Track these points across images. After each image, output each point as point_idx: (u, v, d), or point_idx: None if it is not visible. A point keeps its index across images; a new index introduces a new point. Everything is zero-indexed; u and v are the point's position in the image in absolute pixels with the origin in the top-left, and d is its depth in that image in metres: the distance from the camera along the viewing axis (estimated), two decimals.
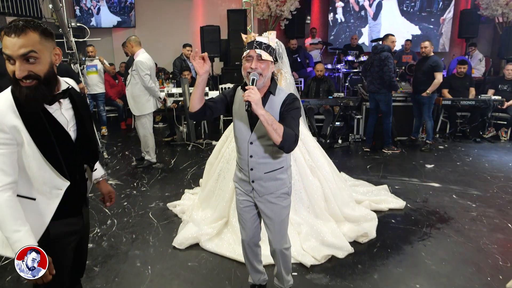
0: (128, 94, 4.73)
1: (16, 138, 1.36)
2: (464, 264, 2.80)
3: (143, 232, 3.32)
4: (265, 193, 2.02)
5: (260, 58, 1.81)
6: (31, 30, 1.35)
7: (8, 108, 1.36)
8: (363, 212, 3.37)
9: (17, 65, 1.34)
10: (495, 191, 4.17)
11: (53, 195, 1.48)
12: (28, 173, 1.43)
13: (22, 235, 1.36)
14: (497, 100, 6.19)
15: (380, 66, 5.26)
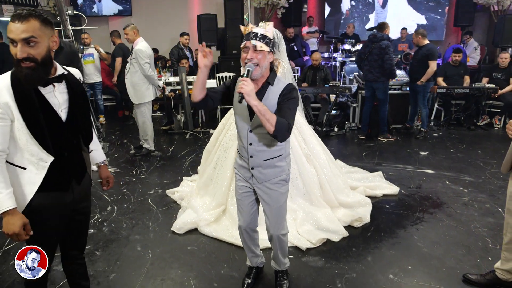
0: (128, 82, 4.76)
1: (8, 114, 1.54)
2: (455, 246, 2.89)
3: (142, 218, 3.39)
4: (264, 180, 2.07)
5: (256, 48, 1.85)
6: (33, 18, 1.53)
7: (4, 87, 1.54)
8: (357, 198, 3.45)
9: (18, 47, 1.52)
10: (487, 177, 4.27)
11: (40, 166, 1.64)
12: (20, 144, 1.60)
13: (3, 197, 1.54)
14: (491, 88, 6.26)
15: (380, 54, 5.30)
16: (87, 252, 2.82)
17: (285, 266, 2.39)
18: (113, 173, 4.50)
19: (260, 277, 2.52)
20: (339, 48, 8.65)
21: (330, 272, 2.59)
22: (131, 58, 4.67)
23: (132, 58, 4.66)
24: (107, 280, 2.53)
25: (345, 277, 2.53)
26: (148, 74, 4.64)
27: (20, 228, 1.57)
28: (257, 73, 1.89)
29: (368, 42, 5.48)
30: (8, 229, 1.56)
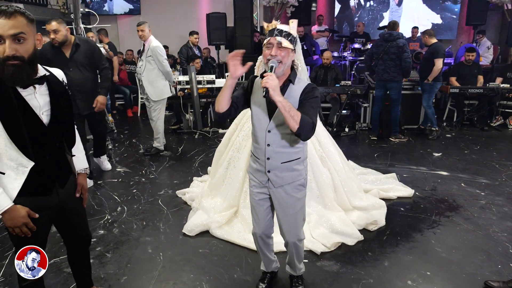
0: (145, 80, 4.74)
1: None
2: (474, 251, 2.81)
3: (153, 219, 3.34)
4: (280, 184, 2.00)
5: (280, 45, 1.80)
6: (19, 14, 1.49)
7: None
8: (371, 200, 3.38)
9: (7, 44, 1.46)
10: (504, 180, 4.17)
11: (20, 171, 1.60)
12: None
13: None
14: (505, 88, 6.13)
15: (398, 53, 5.22)
16: (98, 254, 2.79)
17: (301, 271, 2.33)
18: (122, 173, 4.46)
19: (274, 281, 2.46)
20: (349, 47, 8.55)
21: (346, 277, 2.52)
22: (147, 55, 4.65)
23: (148, 56, 4.64)
24: (118, 283, 2.49)
25: (362, 283, 2.46)
26: (168, 70, 4.70)
27: (27, 216, 1.58)
28: (280, 71, 1.85)
29: (383, 41, 5.38)
30: (16, 222, 1.56)
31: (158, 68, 4.71)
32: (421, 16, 9.49)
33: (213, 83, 6.16)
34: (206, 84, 6.15)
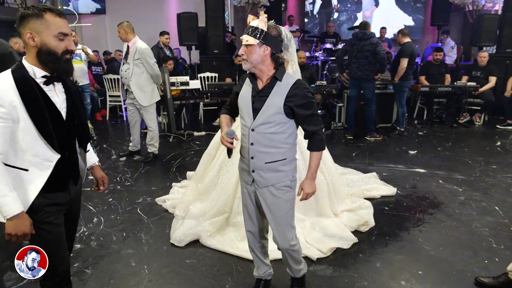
0: (133, 85, 4.51)
1: (11, 114, 1.50)
2: (461, 248, 2.85)
3: (133, 230, 3.16)
4: (265, 184, 1.94)
5: (242, 43, 1.83)
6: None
7: (9, 86, 1.50)
8: (358, 202, 3.37)
9: (70, 40, 1.59)
10: (478, 175, 4.30)
11: (44, 166, 1.61)
12: (22, 145, 1.55)
13: (10, 199, 1.51)
14: (472, 86, 6.37)
15: (372, 50, 5.28)
16: (76, 271, 2.58)
17: (300, 273, 2.23)
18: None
19: None
20: (320, 47, 8.62)
21: (340, 281, 2.48)
22: (134, 58, 4.41)
23: (136, 59, 4.40)
24: None
25: (357, 286, 2.42)
26: (157, 73, 4.54)
27: (30, 228, 1.57)
28: (247, 66, 1.86)
29: (356, 40, 5.43)
30: (18, 230, 1.53)
31: (146, 71, 4.48)
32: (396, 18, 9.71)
33: (187, 85, 6.00)
34: (180, 85, 5.98)
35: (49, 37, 1.53)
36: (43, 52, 1.53)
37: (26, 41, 1.53)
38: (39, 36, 1.52)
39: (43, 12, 1.51)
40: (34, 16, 1.51)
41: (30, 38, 1.52)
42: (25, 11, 1.52)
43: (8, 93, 1.49)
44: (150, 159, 4.87)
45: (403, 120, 5.95)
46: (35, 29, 1.51)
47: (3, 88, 1.49)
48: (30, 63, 1.56)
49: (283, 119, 1.85)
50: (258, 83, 1.92)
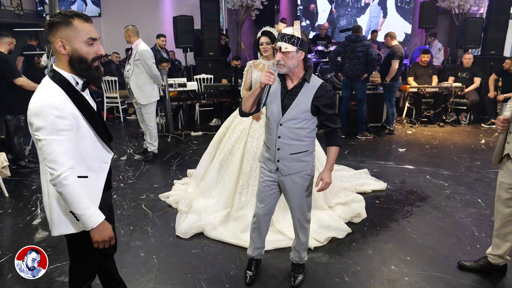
0: (133, 84, 4.75)
1: (73, 125, 1.52)
2: (446, 236, 3.09)
3: (140, 224, 3.34)
4: (288, 173, 2.19)
5: (281, 50, 1.98)
6: None
7: (65, 98, 1.52)
8: (351, 196, 3.59)
9: (99, 44, 1.60)
10: (463, 171, 4.56)
11: (101, 169, 1.69)
12: (83, 153, 1.59)
13: (95, 209, 1.56)
14: (458, 87, 6.66)
15: (364, 51, 5.52)
16: None
17: (303, 260, 2.50)
18: None
19: (259, 269, 2.59)
20: (312, 50, 8.85)
21: (335, 266, 2.69)
22: (134, 59, 4.63)
23: (136, 59, 4.63)
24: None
25: (351, 271, 2.64)
26: (156, 73, 4.75)
27: (111, 231, 1.63)
28: (283, 70, 2.05)
29: (350, 42, 5.67)
30: (104, 235, 1.59)
31: (146, 71, 4.71)
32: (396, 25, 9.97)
33: (184, 86, 6.17)
34: (178, 87, 6.15)
35: (80, 44, 1.53)
36: (75, 60, 1.54)
37: (57, 50, 1.52)
38: (70, 44, 1.52)
39: (71, 18, 1.51)
40: (63, 24, 1.50)
41: (61, 47, 1.51)
42: (53, 19, 1.51)
43: (67, 104, 1.50)
44: (150, 158, 5.04)
45: (392, 119, 6.21)
46: (66, 37, 1.51)
47: (61, 100, 1.49)
48: (65, 70, 1.56)
49: (309, 116, 2.10)
50: (287, 83, 2.13)
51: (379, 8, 10.22)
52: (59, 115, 1.46)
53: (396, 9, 10.22)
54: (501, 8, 7.56)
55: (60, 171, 1.46)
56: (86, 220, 1.53)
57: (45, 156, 1.47)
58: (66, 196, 1.49)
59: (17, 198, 3.93)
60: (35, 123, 1.46)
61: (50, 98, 1.48)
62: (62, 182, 1.47)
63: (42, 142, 1.46)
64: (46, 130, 1.45)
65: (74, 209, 1.52)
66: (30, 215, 3.55)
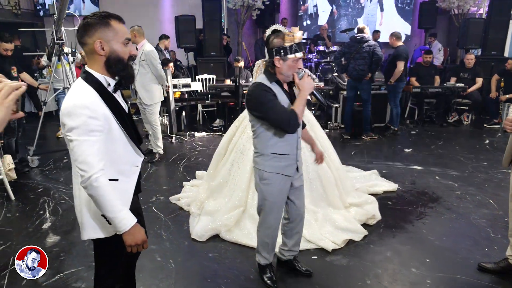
0: (138, 84, 4.71)
1: (105, 126, 1.49)
2: (462, 238, 3.08)
3: (153, 227, 3.28)
4: (300, 167, 2.33)
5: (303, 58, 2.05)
6: None
7: (97, 98, 1.50)
8: (364, 197, 3.58)
9: (131, 45, 1.61)
10: (471, 171, 4.57)
11: (132, 172, 1.67)
12: (114, 156, 1.56)
13: (127, 212, 1.52)
14: (460, 87, 6.69)
15: (369, 52, 5.51)
16: None
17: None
18: None
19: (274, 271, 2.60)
20: (314, 50, 8.84)
21: (356, 269, 2.67)
22: (140, 59, 4.60)
23: (141, 60, 4.60)
24: None
25: (372, 273, 2.62)
26: (161, 74, 4.73)
27: (144, 234, 1.59)
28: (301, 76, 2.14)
29: (355, 42, 5.66)
30: (137, 239, 1.54)
31: (151, 72, 4.68)
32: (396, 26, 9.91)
33: (188, 87, 6.12)
34: (182, 88, 6.09)
35: (118, 44, 1.53)
36: (112, 60, 1.52)
37: (96, 50, 1.49)
38: (108, 44, 1.51)
39: (108, 19, 1.51)
40: (101, 25, 1.50)
41: (100, 47, 1.49)
42: (90, 20, 1.50)
43: (99, 105, 1.48)
44: (156, 160, 4.98)
45: (397, 120, 6.21)
46: (105, 37, 1.50)
47: (93, 101, 1.48)
48: (98, 72, 1.54)
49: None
50: (284, 85, 2.17)
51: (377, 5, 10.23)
52: (91, 116, 1.44)
53: (397, 10, 10.24)
54: (502, 9, 7.61)
55: (91, 172, 1.43)
56: (118, 224, 1.50)
57: (76, 157, 1.44)
58: (97, 199, 1.46)
59: (24, 201, 3.86)
60: (67, 124, 1.44)
61: (82, 99, 1.46)
62: (92, 184, 1.44)
63: (74, 142, 1.44)
64: (78, 130, 1.43)
65: (106, 212, 1.48)
66: (38, 218, 3.48)
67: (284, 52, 2.03)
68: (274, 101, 2.06)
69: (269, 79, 2.11)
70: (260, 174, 2.23)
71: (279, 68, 2.08)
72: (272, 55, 2.07)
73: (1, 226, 3.37)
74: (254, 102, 2.09)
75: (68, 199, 3.86)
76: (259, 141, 2.21)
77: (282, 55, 2.04)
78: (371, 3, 10.20)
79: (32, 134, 5.08)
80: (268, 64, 2.13)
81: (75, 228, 3.29)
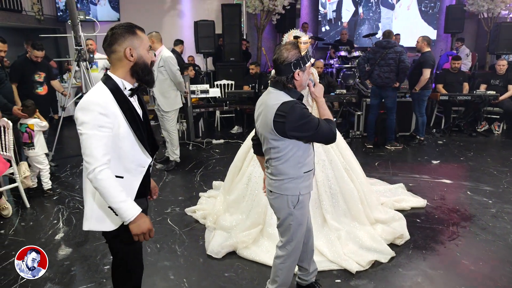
0: (156, 91, 4.64)
1: (114, 123, 1.58)
2: (501, 263, 2.82)
3: (167, 241, 3.15)
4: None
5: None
6: None
7: (110, 99, 1.60)
8: (391, 213, 3.35)
9: (152, 52, 1.78)
10: (506, 186, 4.26)
11: (138, 172, 1.72)
12: (120, 153, 1.64)
13: (131, 202, 1.59)
14: (491, 95, 6.34)
15: (395, 59, 5.28)
16: None
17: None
18: None
19: None
20: (335, 55, 8.62)
21: None
22: (158, 66, 4.52)
23: (160, 66, 4.52)
24: None
25: None
26: (180, 80, 4.66)
27: (150, 222, 1.65)
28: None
29: (380, 48, 5.43)
30: (143, 228, 1.61)
31: (170, 78, 4.58)
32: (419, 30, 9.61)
33: (207, 93, 6.00)
34: (200, 93, 5.99)
35: (144, 51, 1.67)
36: (139, 65, 1.66)
37: (126, 57, 1.62)
38: (136, 51, 1.64)
39: (134, 29, 1.66)
40: (130, 34, 1.63)
41: (129, 54, 1.62)
42: (119, 30, 1.62)
43: (110, 104, 1.59)
44: (172, 168, 4.87)
45: (423, 129, 5.92)
46: (133, 45, 1.63)
47: (106, 100, 1.58)
48: (119, 76, 1.66)
49: None
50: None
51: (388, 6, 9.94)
52: (102, 112, 1.54)
53: (420, 14, 9.91)
54: None
55: (95, 165, 1.52)
56: (123, 214, 1.57)
57: (84, 150, 1.54)
58: (101, 191, 1.54)
59: (38, 210, 3.80)
60: (79, 118, 1.54)
61: (96, 97, 1.59)
62: (96, 176, 1.52)
63: (83, 136, 1.54)
64: (88, 124, 1.53)
65: (110, 203, 1.55)
66: (52, 228, 3.40)
67: (303, 62, 1.87)
68: (315, 117, 1.89)
69: (292, 96, 1.91)
70: (293, 200, 1.99)
71: (299, 81, 1.90)
72: (290, 70, 1.86)
73: (14, 236, 3.31)
74: (298, 123, 1.84)
75: (82, 208, 3.77)
76: (290, 165, 1.95)
77: (302, 66, 1.87)
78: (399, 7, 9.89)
79: (51, 138, 5.03)
80: (286, 81, 1.89)
81: (89, 240, 3.19)
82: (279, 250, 2.14)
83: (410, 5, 9.89)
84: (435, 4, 9.84)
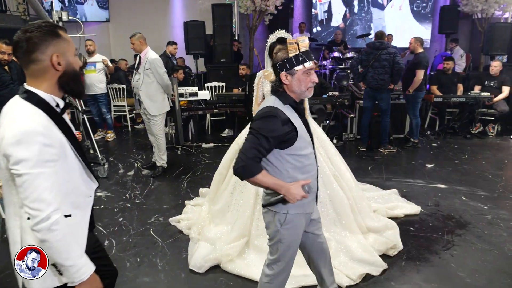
0: (143, 94, 4.44)
1: (59, 155, 1.29)
2: (497, 274, 2.69)
3: (148, 254, 2.99)
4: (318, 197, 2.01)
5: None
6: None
7: (49, 123, 1.28)
8: (384, 221, 3.21)
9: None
10: (501, 191, 4.14)
11: (86, 203, 1.46)
12: (68, 187, 1.35)
13: (85, 259, 1.34)
14: (486, 96, 6.24)
15: (389, 60, 5.15)
16: None
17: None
18: (103, 198, 4.06)
19: None
20: (328, 56, 8.49)
21: None
22: (144, 68, 4.34)
23: (146, 69, 4.34)
24: None
25: None
26: (167, 83, 4.49)
27: (100, 282, 1.41)
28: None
29: (373, 49, 5.30)
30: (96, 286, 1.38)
31: (156, 81, 4.41)
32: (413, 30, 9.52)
33: (195, 96, 5.85)
34: (189, 96, 5.83)
35: (72, 56, 1.35)
36: (69, 75, 1.34)
37: (53, 66, 1.30)
38: (64, 57, 1.32)
39: (56, 29, 1.31)
40: (53, 36, 1.29)
41: (56, 62, 1.30)
42: (37, 33, 1.26)
43: (52, 130, 1.28)
44: (159, 173, 4.70)
45: (417, 131, 5.80)
46: (60, 50, 1.30)
47: (47, 125, 1.26)
48: (46, 91, 1.32)
49: None
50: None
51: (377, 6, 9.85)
52: (46, 143, 1.23)
53: (412, 14, 9.81)
54: None
55: (47, 211, 1.22)
56: (75, 273, 1.30)
57: (27, 195, 1.22)
58: (54, 245, 1.25)
59: None
60: (14, 155, 1.20)
61: (33, 123, 1.23)
62: (51, 227, 1.23)
63: (24, 177, 1.21)
64: (30, 162, 1.20)
65: (63, 260, 1.28)
66: None
67: (290, 64, 1.68)
68: (262, 141, 1.63)
69: (282, 101, 1.73)
70: (280, 218, 1.79)
71: (288, 85, 1.73)
72: (277, 72, 1.72)
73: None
74: (251, 128, 1.69)
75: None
76: (282, 178, 1.75)
77: (288, 69, 1.71)
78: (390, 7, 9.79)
79: None
80: (275, 83, 1.76)
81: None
82: (266, 268, 1.98)
83: (401, 5, 9.79)
84: (427, 4, 9.74)
